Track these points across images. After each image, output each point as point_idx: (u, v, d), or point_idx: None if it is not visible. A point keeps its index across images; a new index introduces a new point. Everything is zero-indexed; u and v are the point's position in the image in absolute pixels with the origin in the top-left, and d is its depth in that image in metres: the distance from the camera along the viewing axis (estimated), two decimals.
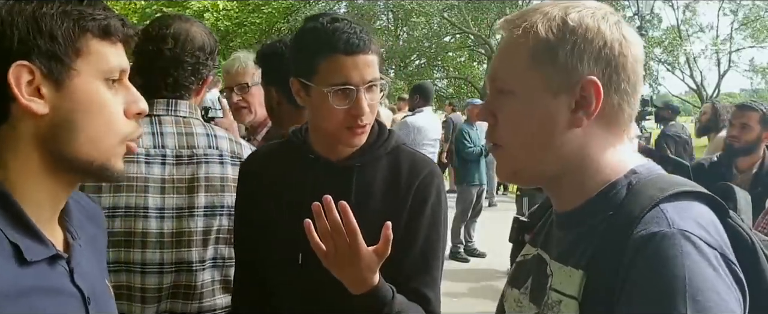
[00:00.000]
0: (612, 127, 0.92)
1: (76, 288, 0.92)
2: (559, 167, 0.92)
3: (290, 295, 1.43)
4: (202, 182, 1.63)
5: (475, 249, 6.78)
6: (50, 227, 0.92)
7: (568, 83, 0.88)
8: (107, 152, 0.91)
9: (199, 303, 1.65)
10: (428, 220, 1.40)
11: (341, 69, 1.29)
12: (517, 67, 0.91)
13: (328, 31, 1.29)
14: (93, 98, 0.88)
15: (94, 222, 1.09)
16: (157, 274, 1.60)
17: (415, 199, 1.40)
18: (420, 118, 5.74)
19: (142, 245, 1.58)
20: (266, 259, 1.45)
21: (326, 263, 1.21)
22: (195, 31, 1.67)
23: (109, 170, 0.92)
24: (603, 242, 0.86)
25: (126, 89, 0.94)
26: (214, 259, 1.66)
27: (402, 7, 23.56)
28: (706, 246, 0.78)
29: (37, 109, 0.85)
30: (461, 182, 6.70)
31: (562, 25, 0.89)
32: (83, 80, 0.88)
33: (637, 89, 0.92)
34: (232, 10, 21.22)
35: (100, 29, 0.89)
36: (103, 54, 0.90)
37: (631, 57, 0.90)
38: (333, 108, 1.30)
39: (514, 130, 0.93)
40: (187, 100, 1.70)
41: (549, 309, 0.92)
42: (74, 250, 0.95)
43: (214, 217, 1.64)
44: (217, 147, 1.69)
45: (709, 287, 0.76)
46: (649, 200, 0.84)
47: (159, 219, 1.60)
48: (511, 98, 0.92)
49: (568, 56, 0.88)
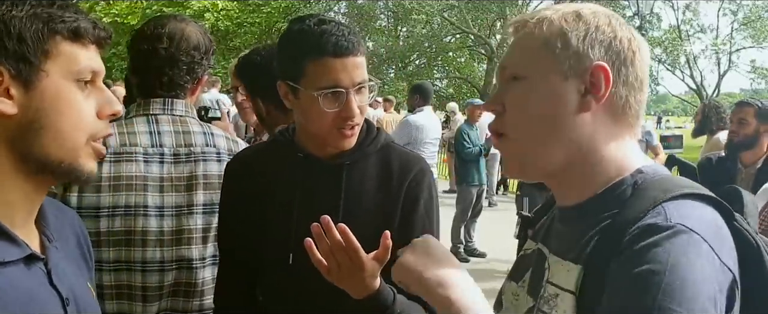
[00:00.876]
0: (619, 120, 0.93)
1: (54, 289, 0.91)
2: (565, 158, 0.92)
3: (280, 295, 1.43)
4: (200, 180, 1.64)
5: (475, 249, 6.79)
6: (25, 230, 0.92)
7: (578, 67, 0.90)
8: (74, 152, 0.91)
9: (200, 300, 1.65)
10: (422, 217, 1.41)
11: (330, 72, 1.27)
12: (529, 53, 0.93)
13: (315, 34, 1.28)
14: (61, 97, 0.89)
15: (71, 227, 1.09)
16: (158, 272, 1.60)
17: (408, 196, 1.40)
18: (421, 117, 5.78)
19: (142, 243, 1.59)
20: (255, 259, 1.44)
21: (329, 278, 1.20)
22: (190, 31, 1.67)
23: (78, 170, 0.92)
24: (603, 238, 0.86)
25: (99, 90, 0.95)
26: (214, 256, 1.66)
27: (402, 7, 23.59)
28: (701, 241, 0.78)
29: (5, 109, 0.85)
30: (461, 182, 6.70)
31: (576, 17, 0.92)
32: (52, 81, 0.89)
33: (644, 88, 0.94)
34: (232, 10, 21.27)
35: (69, 31, 0.90)
36: (72, 56, 0.90)
37: (640, 55, 0.93)
38: (322, 111, 1.29)
39: (523, 113, 0.93)
40: (183, 99, 1.70)
41: (545, 302, 0.92)
42: (51, 252, 0.95)
43: (213, 214, 1.64)
44: (215, 145, 1.69)
45: (691, 277, 0.76)
46: (652, 201, 0.84)
47: (159, 218, 1.60)
48: (521, 83, 0.93)
49: (580, 42, 0.90)
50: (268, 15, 21.72)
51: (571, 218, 0.96)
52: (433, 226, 1.43)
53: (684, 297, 0.74)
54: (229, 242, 1.51)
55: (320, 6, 23.96)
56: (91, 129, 0.92)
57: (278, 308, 1.44)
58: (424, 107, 5.90)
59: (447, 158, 10.72)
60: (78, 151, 0.91)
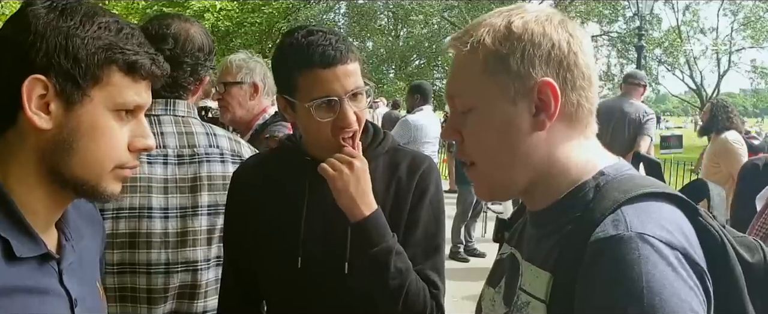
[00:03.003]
0: (574, 123, 0.92)
1: (63, 289, 0.92)
2: (530, 176, 0.93)
3: (287, 300, 1.43)
4: (204, 181, 1.64)
5: (475, 248, 6.78)
6: (44, 229, 0.93)
7: (524, 88, 0.89)
8: (99, 177, 0.91)
9: (204, 302, 1.65)
10: (427, 211, 1.42)
11: (321, 82, 1.28)
12: (472, 82, 0.92)
13: (303, 46, 1.28)
14: (98, 125, 0.89)
15: (91, 223, 1.09)
16: (163, 274, 1.60)
17: (416, 191, 1.42)
18: (421, 117, 5.80)
19: (146, 245, 1.58)
20: (262, 264, 1.44)
21: (339, 182, 1.27)
22: (194, 32, 1.68)
23: (100, 192, 0.93)
24: (568, 244, 0.86)
25: (138, 122, 0.95)
26: (218, 258, 1.66)
27: (402, 7, 23.57)
28: (665, 247, 0.77)
29: (40, 123, 0.86)
30: (461, 182, 6.70)
31: (508, 34, 0.90)
32: (93, 107, 0.89)
33: (593, 82, 0.93)
34: (232, 10, 21.22)
35: (126, 64, 0.90)
36: (121, 88, 0.90)
37: (582, 52, 0.91)
38: (318, 122, 1.29)
39: (481, 143, 0.94)
40: (184, 99, 1.70)
41: (518, 310, 0.92)
42: (66, 251, 0.95)
43: (218, 216, 1.64)
44: (218, 146, 1.69)
45: (668, 290, 0.74)
46: (612, 202, 0.83)
47: (163, 219, 1.60)
48: (472, 114, 0.93)
49: (519, 63, 0.89)
50: (268, 15, 21.68)
51: (538, 223, 0.97)
52: (440, 221, 1.44)
53: (668, 311, 0.74)
54: (237, 248, 1.50)
55: (320, 6, 23.94)
56: (119, 160, 0.93)
57: (285, 312, 1.44)
58: (424, 107, 5.91)
59: (447, 158, 10.71)
60: (102, 176, 0.92)
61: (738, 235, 0.90)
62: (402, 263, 1.30)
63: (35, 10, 0.87)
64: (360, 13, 25.11)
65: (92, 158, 0.90)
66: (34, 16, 0.86)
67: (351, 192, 1.27)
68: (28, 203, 0.89)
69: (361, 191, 1.27)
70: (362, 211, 1.27)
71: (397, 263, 1.28)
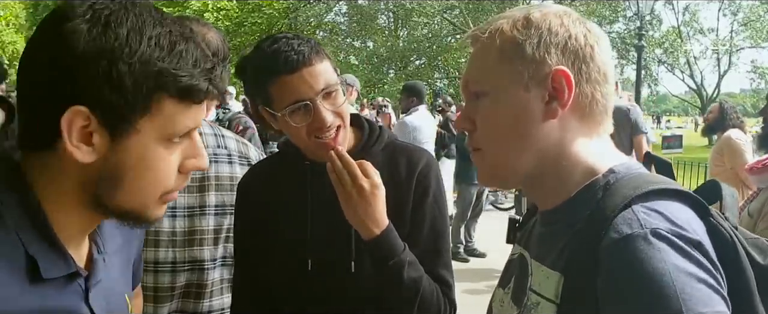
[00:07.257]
0: (587, 119, 0.92)
1: (88, 308, 0.86)
2: (536, 164, 0.92)
3: (298, 301, 1.44)
4: (212, 181, 1.66)
5: (475, 249, 6.79)
6: (76, 244, 0.87)
7: (538, 75, 0.90)
8: (144, 207, 0.84)
9: (210, 301, 1.67)
10: (431, 207, 1.43)
11: (290, 88, 1.28)
12: (487, 67, 0.93)
13: (268, 56, 1.29)
14: (147, 158, 0.80)
15: (125, 229, 1.01)
16: (170, 273, 1.62)
17: (418, 188, 1.42)
18: (417, 117, 5.84)
19: (154, 244, 1.60)
20: (273, 267, 1.45)
21: (349, 204, 1.25)
22: (211, 37, 1.69)
23: (144, 219, 0.86)
24: (579, 244, 0.85)
25: (191, 142, 0.86)
26: (224, 257, 1.68)
27: (402, 7, 23.56)
28: (680, 241, 0.77)
29: (81, 157, 0.77)
30: (461, 181, 6.71)
31: (526, 23, 0.91)
32: (142, 139, 0.79)
33: (609, 79, 0.92)
34: (232, 10, 21.23)
35: (178, 91, 0.79)
36: (174, 116, 0.80)
37: (598, 47, 0.91)
38: (296, 127, 1.30)
39: (492, 128, 0.93)
40: None
41: (528, 310, 0.92)
42: (97, 265, 0.89)
43: (225, 216, 1.66)
44: (226, 147, 1.71)
45: (694, 279, 0.75)
46: (622, 200, 0.83)
47: (171, 218, 1.62)
48: (485, 99, 0.93)
49: (535, 49, 0.89)
50: (268, 15, 21.70)
51: (547, 222, 0.96)
52: (444, 215, 1.45)
53: (700, 301, 0.73)
54: (248, 253, 1.50)
55: (320, 6, 23.94)
56: (168, 187, 0.84)
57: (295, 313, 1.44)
58: (420, 107, 5.96)
59: None
60: (149, 205, 0.84)
61: (750, 236, 0.89)
62: (415, 272, 1.30)
63: (75, 26, 0.74)
64: (360, 13, 25.11)
65: (139, 190, 0.81)
66: (73, 33, 0.74)
67: (360, 216, 1.25)
68: (63, 223, 0.82)
69: (371, 212, 1.25)
70: (373, 231, 1.27)
71: (410, 273, 1.29)
